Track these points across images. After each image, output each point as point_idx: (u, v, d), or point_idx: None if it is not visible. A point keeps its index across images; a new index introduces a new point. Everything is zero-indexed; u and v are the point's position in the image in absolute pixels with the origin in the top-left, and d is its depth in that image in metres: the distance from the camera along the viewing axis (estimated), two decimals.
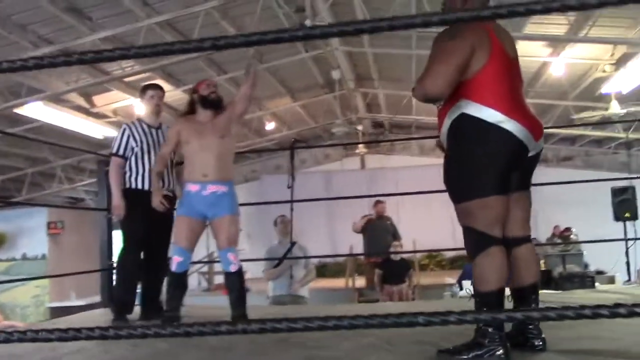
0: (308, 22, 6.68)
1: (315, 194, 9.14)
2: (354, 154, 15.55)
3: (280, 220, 7.07)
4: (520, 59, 2.78)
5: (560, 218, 12.86)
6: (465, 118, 2.57)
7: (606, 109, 9.18)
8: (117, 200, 4.28)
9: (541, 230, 14.06)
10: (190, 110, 4.22)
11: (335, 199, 11.95)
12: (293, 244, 6.55)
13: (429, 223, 13.69)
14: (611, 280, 9.12)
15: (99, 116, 9.86)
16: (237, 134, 4.34)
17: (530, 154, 2.66)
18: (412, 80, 11.03)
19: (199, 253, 8.79)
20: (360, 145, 14.43)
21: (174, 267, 4.00)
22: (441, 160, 2.77)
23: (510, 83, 2.64)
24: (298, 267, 6.73)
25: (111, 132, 10.18)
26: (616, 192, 9.18)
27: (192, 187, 3.98)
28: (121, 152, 4.35)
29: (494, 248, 2.56)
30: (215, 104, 4.10)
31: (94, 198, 14.53)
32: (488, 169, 2.55)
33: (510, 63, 2.66)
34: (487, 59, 2.56)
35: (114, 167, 4.37)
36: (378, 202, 9.31)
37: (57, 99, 8.54)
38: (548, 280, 8.99)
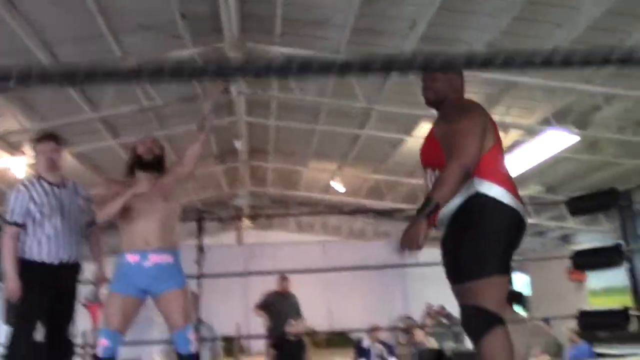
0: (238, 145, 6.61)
1: (188, 269, 8.54)
2: (230, 229, 15.13)
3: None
4: (421, 140, 2.92)
5: (431, 296, 13.28)
6: (480, 196, 2.58)
7: None
8: (13, 281, 3.62)
9: (413, 308, 14.46)
10: (130, 171, 3.79)
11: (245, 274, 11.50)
12: (199, 323, 6.11)
13: (306, 302, 13.52)
14: None
15: None
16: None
17: None
18: (307, 154, 11.11)
19: None
20: (246, 220, 14.09)
21: (100, 352, 3.41)
22: (316, 238, 2.73)
23: (505, 164, 2.76)
24: (203, 348, 6.23)
25: None
26: None
27: (130, 258, 3.48)
28: (19, 219, 3.71)
29: (502, 328, 2.52)
30: (152, 166, 3.69)
31: None
32: (499, 247, 2.58)
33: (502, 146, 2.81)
34: (493, 140, 2.67)
35: (9, 239, 3.69)
36: (283, 278, 8.95)
37: None
38: (439, 358, 9.14)
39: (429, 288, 13.60)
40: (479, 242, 2.56)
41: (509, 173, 2.71)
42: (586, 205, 5.26)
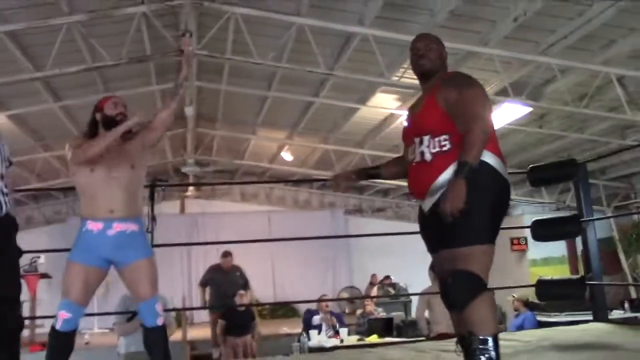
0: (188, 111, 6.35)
1: None
2: (173, 198, 14.75)
3: None
4: (373, 110, 2.92)
5: (374, 266, 13.41)
6: (483, 165, 2.60)
7: None
8: None
9: (357, 278, 14.55)
10: (92, 132, 3.54)
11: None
12: None
13: (249, 273, 13.41)
14: None
15: None
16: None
17: None
18: (256, 122, 10.86)
19: None
20: (190, 189, 13.74)
21: (58, 324, 3.19)
22: (262, 208, 2.69)
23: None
24: None
25: None
26: None
27: (93, 226, 3.24)
28: None
29: (490, 294, 2.60)
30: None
31: None
32: (496, 216, 2.65)
33: None
34: (490, 111, 2.70)
35: None
36: (225, 253, 8.76)
37: None
38: (389, 327, 9.21)
39: (373, 259, 13.78)
40: (481, 209, 2.58)
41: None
42: (546, 175, 5.28)
